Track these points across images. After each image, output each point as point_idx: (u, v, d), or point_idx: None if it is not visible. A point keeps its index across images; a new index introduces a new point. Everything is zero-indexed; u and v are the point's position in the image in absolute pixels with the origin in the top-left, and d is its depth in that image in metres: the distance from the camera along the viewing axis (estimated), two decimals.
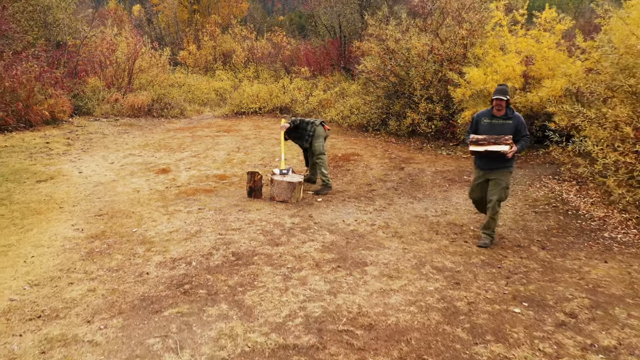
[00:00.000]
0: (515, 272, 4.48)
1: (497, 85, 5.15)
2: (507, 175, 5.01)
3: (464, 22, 9.88)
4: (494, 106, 4.91)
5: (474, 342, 3.35)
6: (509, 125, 4.86)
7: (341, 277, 4.27)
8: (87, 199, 6.38)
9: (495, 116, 4.92)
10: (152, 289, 4.03)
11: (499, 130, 4.86)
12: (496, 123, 4.91)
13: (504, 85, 4.91)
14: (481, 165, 5.09)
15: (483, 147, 4.85)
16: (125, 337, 3.33)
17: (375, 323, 3.55)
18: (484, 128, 4.97)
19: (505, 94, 4.82)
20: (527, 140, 4.94)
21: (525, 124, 4.95)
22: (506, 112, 4.91)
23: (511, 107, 4.98)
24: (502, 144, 4.76)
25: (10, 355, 3.12)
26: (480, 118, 5.06)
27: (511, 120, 4.88)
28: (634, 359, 3.18)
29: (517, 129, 4.87)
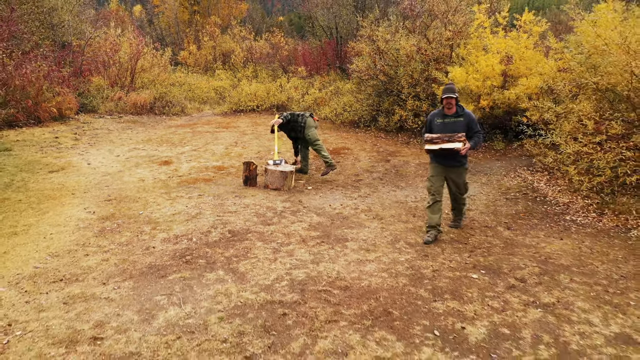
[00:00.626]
0: (478, 247, 5.06)
1: (445, 84, 5.33)
2: (463, 173, 5.25)
3: (450, 24, 10.46)
4: (444, 105, 5.06)
5: (434, 299, 3.93)
6: (461, 123, 5.02)
7: (324, 250, 4.85)
8: (96, 187, 6.96)
9: (447, 115, 5.07)
10: (158, 259, 4.61)
11: (452, 128, 5.01)
12: (448, 121, 5.06)
13: (451, 84, 5.11)
14: (437, 161, 5.23)
15: (437, 145, 5.00)
16: (135, 295, 3.91)
17: (350, 285, 4.13)
18: (438, 127, 5.11)
19: (453, 92, 5.00)
20: (480, 136, 5.11)
21: (476, 120, 5.12)
22: (457, 110, 5.07)
23: (461, 104, 5.14)
24: (455, 142, 4.91)
25: (39, 308, 3.70)
26: (433, 118, 5.20)
27: (462, 118, 5.04)
28: (566, 312, 3.75)
29: (468, 126, 5.03)
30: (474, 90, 8.86)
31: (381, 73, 10.63)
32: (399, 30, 11.12)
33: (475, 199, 6.75)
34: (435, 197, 5.21)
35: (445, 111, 5.07)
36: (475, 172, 8.03)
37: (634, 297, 4.02)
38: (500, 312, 3.74)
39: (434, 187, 5.24)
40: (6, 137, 9.87)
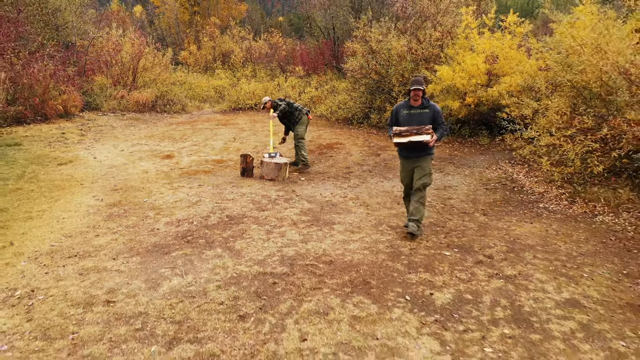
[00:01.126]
0: (454, 230, 5.53)
1: (413, 77, 5.65)
2: (429, 161, 5.29)
3: (439, 25, 10.93)
4: (411, 97, 5.14)
5: (408, 272, 4.40)
6: (427, 114, 5.12)
7: (312, 232, 5.33)
8: (103, 178, 7.44)
9: (413, 106, 5.16)
10: (162, 239, 5.08)
11: (418, 119, 5.10)
12: (414, 113, 5.14)
13: (419, 77, 5.19)
14: (405, 155, 5.31)
15: (406, 138, 5.06)
16: (142, 268, 4.39)
17: (335, 260, 4.61)
18: (404, 119, 5.19)
19: (420, 84, 5.06)
20: (445, 128, 5.21)
21: (441, 112, 5.21)
22: (422, 102, 5.16)
23: (426, 97, 5.22)
24: (423, 134, 4.99)
25: (58, 278, 4.18)
26: (400, 110, 5.26)
27: (428, 110, 5.14)
28: (525, 282, 4.23)
29: (434, 118, 5.13)
30: (460, 88, 9.33)
31: (373, 72, 11.11)
32: (391, 31, 11.59)
33: (457, 189, 7.22)
34: (407, 190, 5.48)
35: (412, 102, 5.16)
36: (460, 165, 8.50)
37: (588, 270, 4.50)
38: (466, 282, 4.21)
39: (405, 181, 5.45)
40: (15, 132, 10.35)
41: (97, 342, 3.26)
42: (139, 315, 3.60)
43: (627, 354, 3.24)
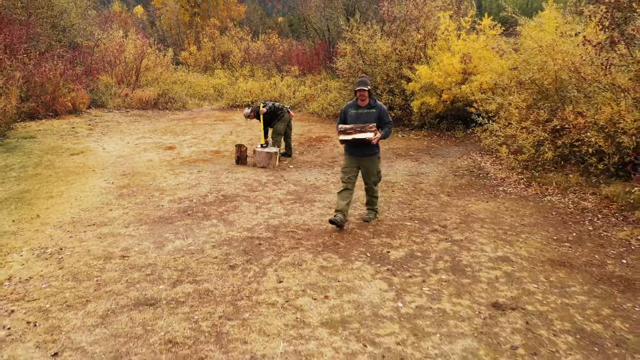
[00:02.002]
0: (419, 207, 6.39)
1: (359, 77, 5.73)
2: (376, 162, 5.55)
3: (421, 28, 11.80)
4: (357, 97, 5.37)
5: (372, 237, 5.27)
6: (373, 114, 5.35)
7: (295, 207, 6.19)
8: (112, 165, 8.30)
9: (360, 106, 5.37)
10: (166, 213, 5.95)
11: (365, 119, 5.33)
12: (362, 112, 5.36)
13: (364, 77, 5.40)
14: (350, 152, 5.51)
15: (351, 135, 5.27)
16: (150, 233, 5.25)
17: (312, 228, 5.47)
18: (352, 118, 5.41)
19: (366, 85, 5.27)
20: (390, 127, 5.48)
21: (387, 112, 5.44)
22: (369, 102, 5.37)
23: (373, 97, 5.45)
24: (367, 132, 5.22)
25: (81, 240, 5.04)
26: (348, 109, 5.47)
27: (374, 109, 5.36)
28: (468, 244, 5.09)
29: (380, 117, 5.36)
30: (437, 85, 10.19)
31: (360, 71, 11.96)
32: (377, 33, 12.45)
33: (428, 175, 8.08)
34: (346, 185, 5.51)
35: (359, 102, 5.38)
36: (435, 155, 9.36)
37: (524, 236, 5.36)
38: (419, 244, 5.08)
39: (346, 176, 5.53)
40: (29, 127, 11.22)
41: (116, 283, 4.13)
42: (148, 265, 4.47)
43: (536, 292, 4.10)
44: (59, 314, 3.64)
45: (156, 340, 3.31)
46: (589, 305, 3.91)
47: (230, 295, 3.95)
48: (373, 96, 5.53)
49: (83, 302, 3.81)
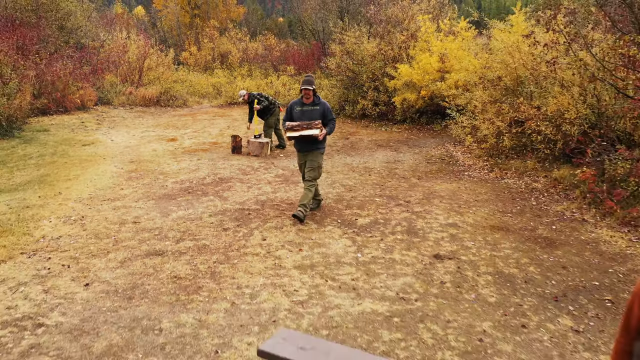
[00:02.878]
0: (390, 187, 7.33)
1: (304, 76, 5.94)
2: (319, 156, 5.75)
3: (405, 30, 12.74)
4: (303, 95, 5.63)
5: (345, 209, 6.21)
6: (317, 111, 5.59)
7: (282, 187, 7.14)
8: (120, 154, 9.25)
9: (305, 104, 5.63)
10: (170, 191, 6.89)
11: (310, 116, 5.57)
12: (307, 109, 5.61)
13: (309, 76, 5.68)
14: (298, 148, 5.80)
15: (298, 132, 5.52)
16: (156, 206, 6.20)
17: (294, 202, 6.42)
18: (297, 115, 5.64)
19: (310, 84, 5.53)
20: (334, 123, 5.76)
21: (330, 109, 5.73)
22: (314, 100, 5.63)
23: (318, 95, 5.72)
24: (313, 129, 5.46)
25: (99, 210, 5.99)
26: (293, 106, 5.71)
27: (319, 106, 5.61)
28: (425, 214, 6.03)
29: (324, 114, 5.61)
30: (417, 83, 11.14)
31: (348, 70, 12.91)
32: (364, 34, 13.39)
33: (404, 162, 9.01)
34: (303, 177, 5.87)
35: (304, 100, 5.63)
36: (412, 146, 10.30)
37: (474, 209, 6.30)
38: (383, 214, 6.02)
39: (302, 170, 5.93)
40: (42, 121, 12.17)
41: (130, 240, 5.08)
42: (156, 228, 5.42)
43: (472, 247, 5.04)
44: (87, 260, 4.59)
45: (164, 277, 4.26)
46: (512, 256, 4.86)
47: (222, 249, 4.89)
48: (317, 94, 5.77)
49: (105, 253, 4.76)
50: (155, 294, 3.98)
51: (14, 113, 11.00)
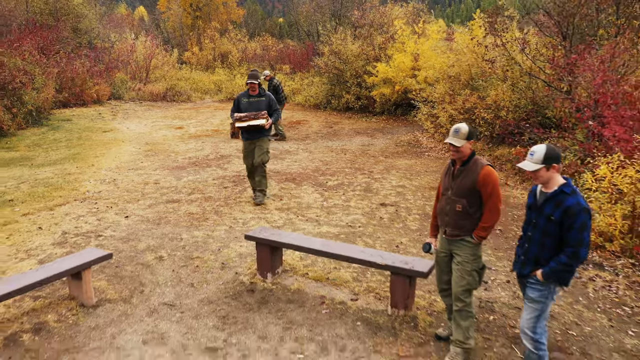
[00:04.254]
0: (359, 162, 8.99)
1: (250, 71, 6.56)
2: (267, 142, 6.28)
3: (384, 33, 14.40)
4: (249, 88, 6.15)
5: (320, 176, 7.87)
6: (263, 102, 6.15)
7: (271, 161, 8.79)
8: (136, 138, 10.91)
9: (252, 95, 6.15)
10: (180, 164, 8.55)
11: (256, 106, 6.12)
12: (253, 101, 6.15)
13: (254, 71, 6.25)
14: (246, 136, 6.26)
15: (246, 122, 6.00)
16: (171, 174, 7.86)
17: (280, 171, 8.08)
18: (244, 106, 6.16)
19: (255, 78, 6.09)
20: (279, 112, 6.37)
21: (275, 100, 6.32)
22: (259, 92, 6.16)
23: (262, 87, 6.27)
24: (260, 119, 6.00)
25: (125, 175, 7.66)
26: (241, 98, 6.22)
27: (264, 98, 6.16)
28: (381, 179, 7.69)
29: (269, 105, 6.17)
30: (392, 79, 12.79)
31: (334, 68, 14.56)
32: (348, 37, 15.05)
33: (376, 145, 10.66)
34: (249, 168, 6.35)
35: (250, 92, 6.17)
36: (386, 133, 11.96)
37: (422, 176, 7.95)
38: (349, 179, 7.68)
39: (247, 161, 6.34)
40: (64, 113, 13.83)
41: (153, 193, 6.75)
42: (172, 187, 7.09)
43: (411, 199, 6.70)
44: (123, 204, 6.26)
45: (181, 213, 5.93)
46: None
47: (223, 198, 6.56)
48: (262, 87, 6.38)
49: (136, 200, 6.43)
50: (175, 221, 5.66)
51: (42, 105, 12.66)
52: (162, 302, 3.97)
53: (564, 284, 2.86)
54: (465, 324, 3.24)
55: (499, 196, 3.17)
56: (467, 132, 3.16)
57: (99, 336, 3.50)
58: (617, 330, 3.72)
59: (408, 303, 3.82)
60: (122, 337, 3.49)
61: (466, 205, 3.20)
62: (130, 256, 4.76)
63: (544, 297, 2.87)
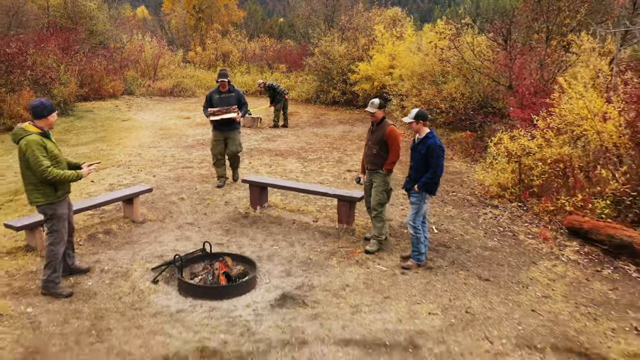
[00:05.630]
0: (337, 144, 10.88)
1: (220, 70, 7.25)
2: (238, 134, 7.13)
3: (367, 35, 16.33)
4: (220, 85, 7.01)
5: (303, 152, 9.80)
6: (233, 97, 7.03)
7: (264, 143, 10.74)
8: (151, 126, 12.85)
9: (222, 92, 6.97)
10: (190, 143, 10.49)
11: (227, 102, 6.96)
12: (224, 97, 6.99)
13: (224, 70, 7.16)
14: (219, 128, 7.06)
15: (219, 116, 6.80)
16: (183, 150, 9.80)
17: (272, 149, 10.02)
18: (216, 101, 6.98)
19: (225, 76, 6.95)
20: (246, 106, 7.20)
21: (243, 95, 7.18)
22: (229, 88, 6.97)
23: (232, 84, 7.09)
24: (231, 112, 6.83)
25: (146, 151, 9.59)
26: (212, 94, 7.01)
27: (234, 93, 7.00)
28: (352, 155, 9.61)
29: (239, 99, 7.02)
30: (372, 76, 14.72)
31: (323, 67, 16.48)
32: (336, 39, 16.97)
33: (354, 132, 12.55)
34: (217, 156, 7.20)
35: (221, 89, 7.01)
36: (365, 122, 13.86)
37: None
38: (326, 154, 9.60)
39: (216, 150, 7.14)
40: (85, 105, 15.77)
41: (171, 163, 8.69)
42: (186, 158, 9.03)
43: None
44: (150, 169, 8.20)
45: (194, 174, 7.87)
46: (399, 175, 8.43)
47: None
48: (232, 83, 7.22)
49: (158, 166, 8.37)
50: (190, 179, 7.60)
51: (67, 98, 14.58)
52: (186, 222, 5.90)
53: (432, 193, 4.78)
54: (379, 225, 5.17)
55: (399, 145, 5.09)
56: (378, 103, 5.08)
57: (146, 237, 5.43)
58: (487, 239, 5.65)
59: (350, 220, 5.75)
60: (161, 237, 5.43)
61: (379, 150, 5.12)
62: (160, 197, 6.70)
63: (419, 201, 4.79)
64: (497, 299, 4.25)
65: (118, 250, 5.05)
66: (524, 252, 5.27)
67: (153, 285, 4.32)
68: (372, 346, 3.53)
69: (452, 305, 4.13)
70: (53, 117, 4.05)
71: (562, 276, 4.71)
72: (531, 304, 4.17)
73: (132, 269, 4.63)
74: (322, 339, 3.59)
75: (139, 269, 4.63)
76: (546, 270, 4.82)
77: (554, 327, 3.83)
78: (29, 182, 3.96)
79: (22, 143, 3.87)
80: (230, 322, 3.77)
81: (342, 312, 3.97)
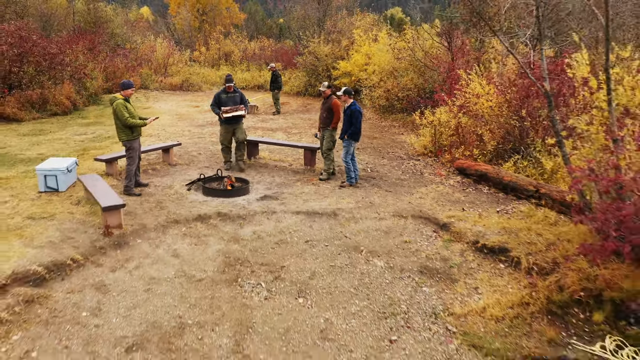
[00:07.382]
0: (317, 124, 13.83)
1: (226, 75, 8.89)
2: (242, 124, 8.68)
3: (348, 38, 19.28)
4: (226, 87, 8.53)
5: (289, 129, 12.74)
6: (238, 96, 8.57)
7: (261, 124, 13.69)
8: (168, 112, 15.80)
9: (228, 92, 8.52)
10: (202, 124, 13.44)
11: (234, 100, 8.50)
12: (231, 96, 8.52)
13: (230, 75, 8.73)
14: (228, 123, 8.51)
15: (230, 113, 8.31)
16: (197, 128, 12.76)
17: (269, 128, 12.97)
18: (224, 100, 8.49)
19: (231, 81, 8.54)
20: (247, 104, 8.72)
21: (244, 95, 8.75)
22: (234, 89, 8.55)
23: (236, 86, 8.69)
24: (240, 110, 8.41)
25: (170, 129, 12.55)
26: (220, 95, 8.55)
27: (237, 93, 8.57)
28: None
29: (242, 99, 8.60)
30: (350, 72, 17.65)
31: (311, 65, 19.40)
32: (322, 41, 19.89)
33: None
34: (224, 143, 8.75)
35: (227, 90, 8.55)
36: None
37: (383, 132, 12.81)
38: (306, 131, 12.54)
39: (224, 139, 8.72)
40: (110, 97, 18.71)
41: (189, 135, 11.66)
42: (199, 133, 12.00)
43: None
44: (174, 138, 11.16)
45: (206, 141, 10.85)
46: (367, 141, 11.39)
47: None
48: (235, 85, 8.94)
49: (179, 137, 11.34)
50: (204, 144, 10.56)
51: (96, 90, 17.54)
52: (204, 166, 8.85)
53: (356, 139, 7.71)
54: (327, 162, 8.11)
55: (339, 111, 8.04)
56: (327, 85, 8.03)
57: (179, 173, 8.38)
58: (402, 175, 8.58)
59: (312, 163, 8.72)
60: (188, 174, 8.38)
61: (327, 114, 8.07)
62: (184, 152, 9.67)
63: (348, 145, 7.73)
64: (391, 199, 7.19)
65: (162, 177, 8.02)
66: (422, 182, 8.22)
67: (187, 192, 7.28)
68: (311, 214, 6.48)
69: (362, 200, 7.08)
70: (132, 90, 6.99)
71: (439, 192, 7.65)
72: (409, 201, 7.11)
73: (173, 184, 7.60)
74: (284, 211, 6.55)
75: (178, 185, 7.60)
76: (430, 190, 7.76)
77: (417, 209, 6.77)
78: (117, 127, 6.92)
79: (114, 104, 6.82)
80: (233, 205, 6.72)
81: (297, 201, 6.93)
